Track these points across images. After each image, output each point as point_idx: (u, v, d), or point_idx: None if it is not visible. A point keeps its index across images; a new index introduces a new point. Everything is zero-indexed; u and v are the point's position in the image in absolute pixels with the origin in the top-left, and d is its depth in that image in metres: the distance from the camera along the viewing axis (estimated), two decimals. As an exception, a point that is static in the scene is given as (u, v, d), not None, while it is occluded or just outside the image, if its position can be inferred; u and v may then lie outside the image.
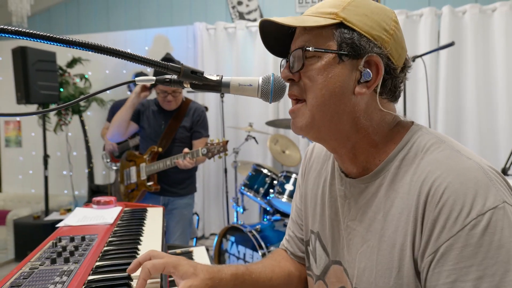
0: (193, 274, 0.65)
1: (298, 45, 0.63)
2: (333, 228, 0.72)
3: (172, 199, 2.29)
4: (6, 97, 4.43)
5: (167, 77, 0.61)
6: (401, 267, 0.57)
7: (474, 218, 0.50)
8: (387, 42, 0.61)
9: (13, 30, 0.46)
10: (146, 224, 1.14)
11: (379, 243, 0.61)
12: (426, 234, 0.54)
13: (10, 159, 4.55)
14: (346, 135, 0.64)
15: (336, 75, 0.60)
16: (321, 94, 0.61)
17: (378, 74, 0.60)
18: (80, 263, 0.75)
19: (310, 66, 0.61)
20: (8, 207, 4.25)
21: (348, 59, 0.60)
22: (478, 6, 3.27)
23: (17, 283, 0.65)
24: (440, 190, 0.53)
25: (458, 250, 0.50)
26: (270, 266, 0.82)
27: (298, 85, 0.63)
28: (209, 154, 2.06)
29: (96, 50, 0.52)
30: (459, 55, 3.32)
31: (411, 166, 0.59)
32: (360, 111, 0.62)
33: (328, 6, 0.62)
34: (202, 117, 2.36)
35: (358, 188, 0.66)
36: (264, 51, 3.50)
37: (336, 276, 0.71)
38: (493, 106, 3.28)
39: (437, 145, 0.59)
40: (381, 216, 0.61)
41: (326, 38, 0.61)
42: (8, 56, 3.38)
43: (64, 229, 1.01)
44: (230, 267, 0.73)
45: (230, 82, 0.60)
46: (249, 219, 3.68)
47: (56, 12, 4.70)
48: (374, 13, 0.61)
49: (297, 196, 0.88)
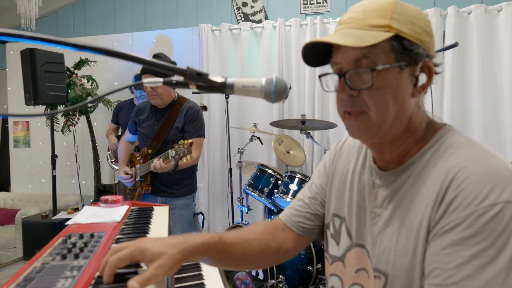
0: (161, 253, 0.63)
1: (352, 59, 0.64)
2: (359, 214, 0.75)
3: (170, 200, 2.26)
4: (15, 99, 4.50)
5: (173, 79, 0.63)
6: (416, 247, 0.61)
7: (486, 206, 0.54)
8: (430, 44, 0.65)
9: (28, 35, 0.49)
10: (153, 222, 1.17)
11: (400, 226, 0.64)
12: (441, 212, 0.58)
13: (19, 159, 4.62)
14: (399, 136, 0.67)
15: (399, 85, 0.63)
16: (387, 106, 0.63)
17: (430, 77, 0.65)
18: (89, 259, 0.77)
19: (378, 82, 0.63)
20: (16, 207, 4.32)
21: (407, 67, 0.63)
22: (483, 6, 3.26)
23: (30, 277, 0.67)
24: (462, 177, 0.57)
25: (461, 229, 0.54)
26: (246, 237, 0.81)
27: (357, 99, 0.65)
28: (177, 156, 1.93)
29: (105, 53, 0.54)
30: (464, 55, 3.31)
31: (440, 160, 0.63)
32: (412, 112, 0.66)
33: (376, 17, 0.63)
34: (195, 116, 2.25)
35: (388, 180, 0.70)
36: (269, 52, 3.51)
37: (357, 257, 0.74)
38: (498, 107, 3.26)
39: (467, 143, 0.63)
40: (406, 202, 0.65)
41: (385, 51, 0.62)
42: (17, 58, 3.44)
43: (73, 226, 1.04)
44: (202, 235, 0.71)
45: (234, 83, 0.62)
46: (253, 219, 3.70)
47: (64, 14, 4.76)
48: (417, 18, 0.64)
49: (320, 178, 0.88)
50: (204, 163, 3.93)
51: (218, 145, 3.97)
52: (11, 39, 0.50)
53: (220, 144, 3.96)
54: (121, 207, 1.28)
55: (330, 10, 3.98)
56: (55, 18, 4.79)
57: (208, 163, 3.95)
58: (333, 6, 3.98)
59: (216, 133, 3.96)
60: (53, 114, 3.37)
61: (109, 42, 4.31)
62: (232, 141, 3.47)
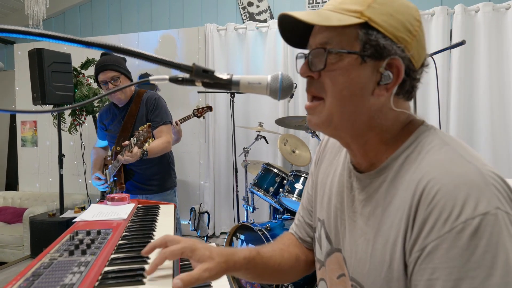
0: (209, 257, 0.67)
1: (318, 42, 0.62)
2: (337, 217, 0.74)
3: (150, 197, 2.24)
4: (23, 99, 4.55)
5: (180, 76, 0.63)
6: (392, 262, 0.58)
7: (463, 221, 0.50)
8: (409, 43, 0.59)
9: (37, 32, 0.49)
10: (159, 220, 1.17)
11: (374, 237, 0.62)
12: (416, 231, 0.54)
13: (27, 159, 4.67)
14: (360, 133, 0.64)
15: (357, 76, 0.59)
16: (341, 94, 0.60)
17: (398, 77, 0.59)
18: (96, 255, 0.78)
19: (332, 66, 0.60)
20: (24, 205, 4.36)
21: (370, 60, 0.59)
22: (491, 4, 3.23)
23: (38, 272, 0.68)
24: (433, 191, 0.53)
25: (444, 251, 0.51)
26: (279, 250, 0.83)
27: (317, 82, 0.63)
28: (139, 142, 1.85)
29: (112, 49, 0.54)
30: (471, 53, 3.28)
31: (412, 165, 0.59)
32: (376, 111, 0.62)
33: (352, 2, 0.59)
34: (155, 104, 2.18)
35: (363, 182, 0.67)
36: (274, 51, 3.51)
37: (337, 263, 0.73)
38: (506, 105, 3.23)
39: (439, 146, 0.59)
40: (379, 211, 0.62)
41: (350, 38, 0.59)
42: (25, 58, 3.47)
43: (80, 223, 1.05)
44: (243, 250, 0.74)
45: (240, 80, 0.62)
46: (259, 218, 3.70)
47: (71, 15, 4.81)
48: (399, 13, 0.59)
49: (309, 184, 0.89)
50: (210, 162, 3.94)
51: (224, 144, 3.97)
52: (21, 36, 0.51)
53: (225, 143, 3.97)
54: (127, 205, 1.29)
55: (336, 9, 3.97)
56: (62, 18, 4.83)
57: (213, 162, 3.96)
58: (338, 5, 3.97)
59: (221, 132, 3.97)
60: (60, 111, 3.40)
61: (115, 42, 4.31)
62: (238, 140, 3.48)
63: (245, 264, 0.72)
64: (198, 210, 3.49)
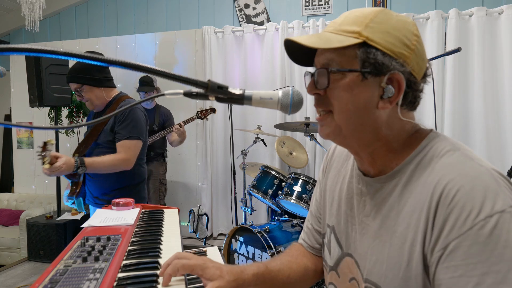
0: (220, 276, 0.70)
1: (322, 63, 0.66)
2: (348, 223, 0.77)
3: None
4: (18, 101, 4.53)
5: (194, 91, 0.66)
6: (410, 261, 0.61)
7: (482, 219, 0.54)
8: (408, 57, 0.63)
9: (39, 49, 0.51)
10: (164, 224, 1.20)
11: (391, 238, 0.65)
12: (437, 231, 0.58)
13: (22, 160, 4.64)
14: (368, 143, 0.68)
15: (360, 92, 0.63)
16: (346, 109, 0.64)
17: (399, 90, 0.63)
18: (109, 261, 0.80)
19: (335, 84, 0.64)
20: (20, 207, 4.34)
21: (371, 77, 0.63)
22: (484, 9, 3.29)
23: (55, 279, 0.71)
24: (452, 192, 0.57)
25: (466, 248, 0.54)
26: (287, 262, 0.86)
27: (324, 98, 0.67)
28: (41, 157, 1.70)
29: (129, 67, 0.56)
30: (465, 58, 3.34)
31: (426, 169, 0.63)
32: (382, 123, 0.66)
33: (351, 23, 0.64)
34: (126, 115, 1.90)
35: (374, 187, 0.71)
36: (271, 54, 3.53)
37: (348, 267, 0.76)
38: (499, 109, 3.29)
39: (452, 151, 0.63)
40: (394, 213, 0.66)
41: (349, 57, 0.63)
42: (20, 60, 3.46)
43: (88, 229, 1.07)
44: (252, 267, 0.77)
45: (252, 95, 0.65)
46: (257, 220, 3.73)
47: (66, 16, 4.79)
48: (396, 29, 0.63)
49: (317, 192, 0.92)
50: (207, 164, 3.96)
51: (221, 146, 3.99)
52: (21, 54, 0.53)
53: (223, 145, 3.99)
54: (133, 210, 1.31)
55: (332, 11, 4.01)
56: (58, 19, 4.81)
57: (211, 165, 3.98)
58: (334, 8, 4.01)
59: (219, 134, 3.99)
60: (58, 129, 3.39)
61: (112, 43, 4.33)
62: (236, 142, 3.50)
63: (254, 280, 0.75)
64: (197, 212, 3.51)
